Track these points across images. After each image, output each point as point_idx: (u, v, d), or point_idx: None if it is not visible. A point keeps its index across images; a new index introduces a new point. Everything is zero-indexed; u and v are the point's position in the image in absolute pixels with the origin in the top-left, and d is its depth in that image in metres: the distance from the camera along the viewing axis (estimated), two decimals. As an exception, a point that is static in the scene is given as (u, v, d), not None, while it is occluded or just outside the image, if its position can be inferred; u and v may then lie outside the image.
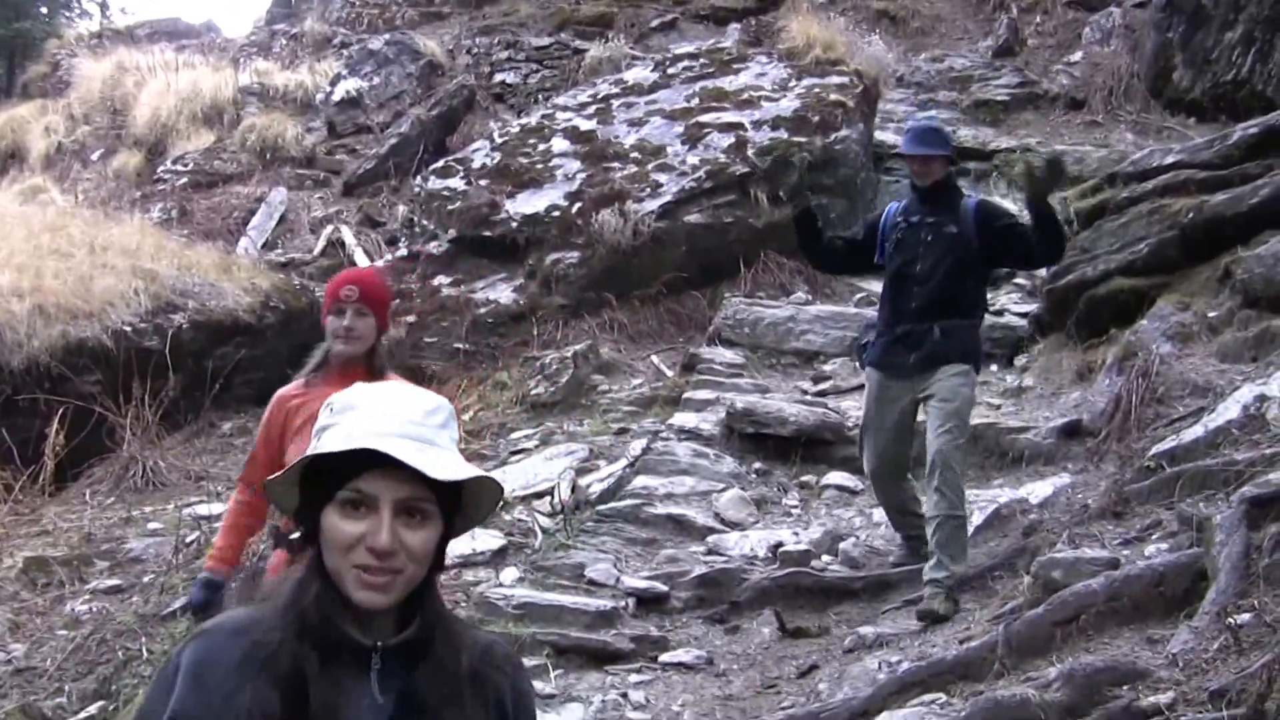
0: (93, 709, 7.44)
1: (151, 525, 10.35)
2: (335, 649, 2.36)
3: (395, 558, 2.33)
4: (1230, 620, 5.18)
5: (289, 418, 5.71)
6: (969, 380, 7.84)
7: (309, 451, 2.41)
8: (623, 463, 9.99)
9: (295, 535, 2.51)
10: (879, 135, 15.13)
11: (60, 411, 10.94)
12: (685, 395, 11.02)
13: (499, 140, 14.44)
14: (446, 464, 2.37)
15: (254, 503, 5.88)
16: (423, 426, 2.41)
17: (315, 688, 2.32)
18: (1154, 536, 6.58)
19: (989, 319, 11.64)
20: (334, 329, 5.65)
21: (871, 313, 11.94)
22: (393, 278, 13.38)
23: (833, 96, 14.03)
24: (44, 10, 26.74)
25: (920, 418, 8.15)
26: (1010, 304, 12.29)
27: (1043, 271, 11.71)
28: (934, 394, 7.76)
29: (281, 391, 5.87)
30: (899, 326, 7.94)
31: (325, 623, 2.36)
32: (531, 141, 14.15)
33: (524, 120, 15.00)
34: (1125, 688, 5.16)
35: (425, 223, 13.78)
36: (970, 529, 8.15)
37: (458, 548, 5.19)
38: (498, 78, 18.65)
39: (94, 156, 19.69)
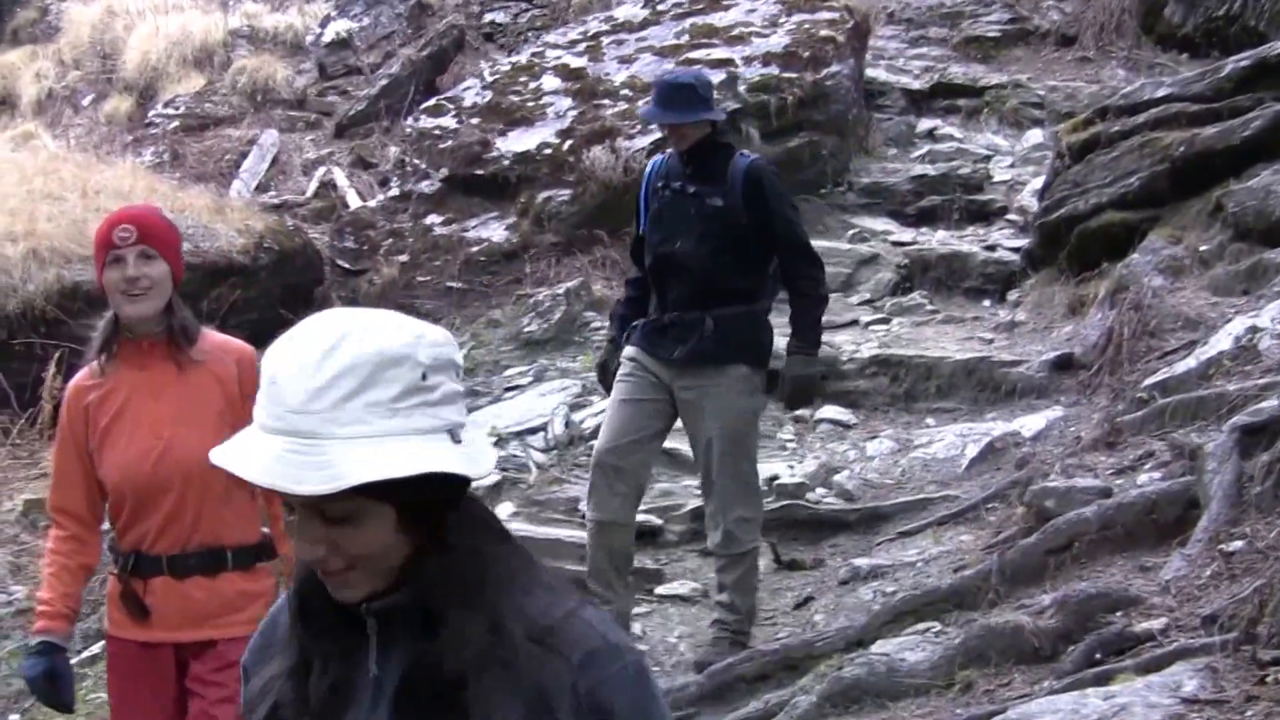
0: (95, 648, 7.51)
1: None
2: (333, 621, 2.06)
3: (329, 563, 1.97)
4: (1222, 547, 5.26)
5: (90, 417, 4.58)
6: (750, 386, 6.73)
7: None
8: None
9: None
10: (870, 72, 15.10)
11: (57, 355, 10.83)
12: (675, 331, 11.01)
13: (489, 79, 14.43)
14: (326, 466, 1.86)
15: (82, 536, 4.72)
16: (305, 415, 1.87)
17: (317, 665, 2.06)
18: (1146, 466, 6.63)
19: (980, 254, 11.82)
20: (114, 284, 4.44)
21: (866, 248, 12.09)
22: (385, 218, 13.42)
23: (823, 32, 13.97)
24: (32, -46, 26.62)
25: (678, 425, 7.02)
26: (1002, 239, 12.20)
27: (1034, 205, 11.74)
28: (706, 410, 6.67)
29: (74, 382, 4.67)
30: (666, 314, 6.69)
31: (318, 593, 2.04)
32: (522, 80, 14.14)
33: (514, 59, 14.99)
34: (1118, 614, 5.25)
35: (416, 162, 13.78)
36: (965, 462, 8.27)
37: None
38: (487, 17, 18.58)
39: (85, 101, 19.62)
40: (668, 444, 9.04)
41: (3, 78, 20.82)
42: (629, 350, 6.85)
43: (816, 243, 11.89)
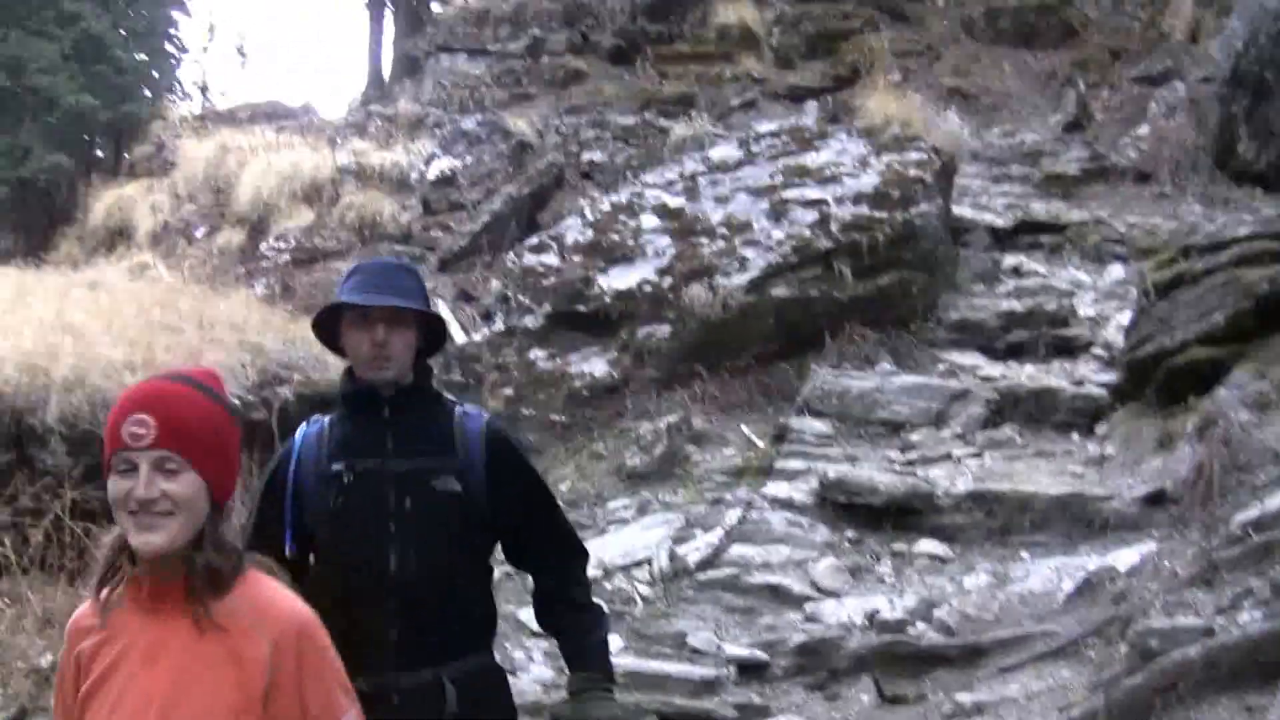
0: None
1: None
2: None
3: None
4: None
5: (80, 669, 3.31)
6: None
7: None
8: (719, 532, 10.23)
9: None
10: (955, 209, 15.43)
11: None
12: (777, 465, 11.23)
13: (590, 217, 14.82)
14: None
15: None
16: None
17: None
18: (1247, 604, 6.67)
19: (1068, 388, 11.99)
20: (119, 500, 3.18)
21: (957, 384, 12.30)
22: (490, 352, 13.75)
23: (911, 172, 14.32)
24: (148, 93, 27.30)
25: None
26: (1089, 373, 12.39)
27: (1119, 340, 11.95)
28: None
29: (75, 618, 3.36)
30: (366, 680, 3.76)
31: None
32: (622, 218, 14.52)
33: (614, 198, 15.34)
34: (1226, 756, 5.37)
35: (520, 297, 14.12)
36: (1061, 597, 8.41)
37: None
38: (586, 156, 18.98)
39: (198, 234, 20.13)
40: (771, 578, 9.40)
41: (120, 209, 21.44)
42: None
43: (908, 377, 12.34)
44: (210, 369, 3.56)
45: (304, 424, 4.43)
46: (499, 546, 4.50)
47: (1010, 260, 15.04)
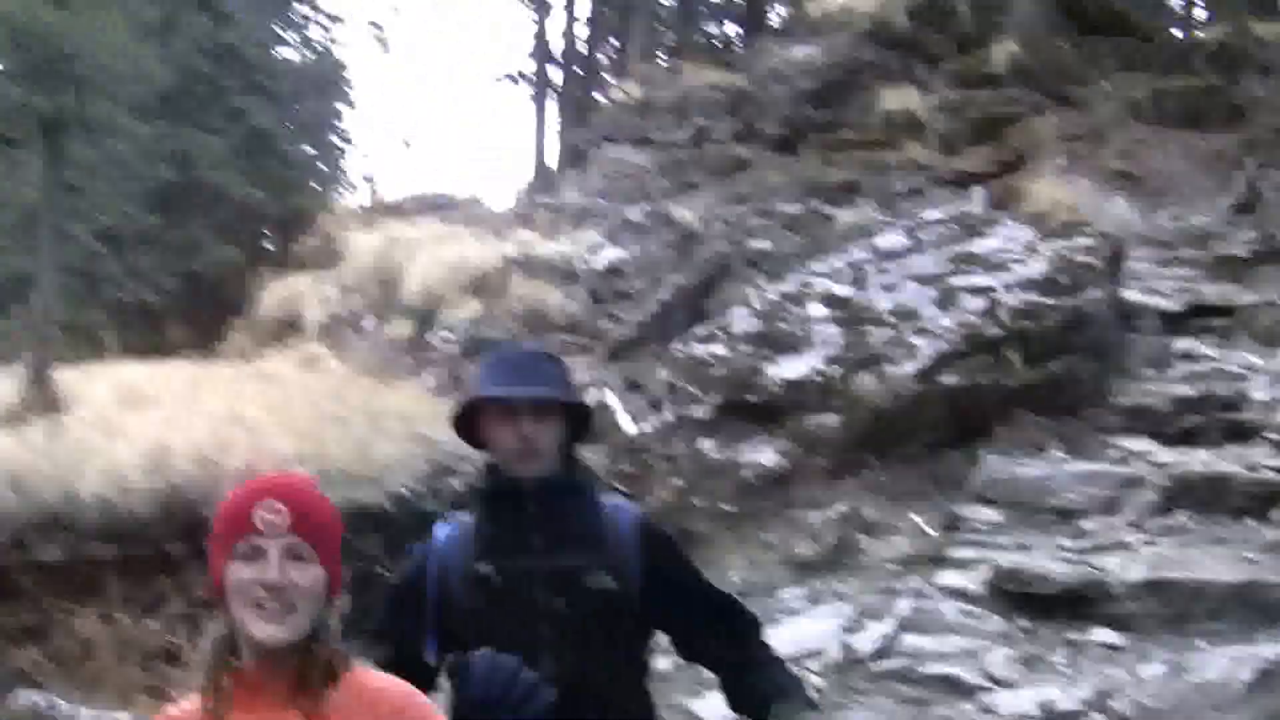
0: None
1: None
2: None
3: None
4: None
5: None
6: None
7: None
8: (891, 621, 10.20)
9: None
10: (1124, 293, 15.34)
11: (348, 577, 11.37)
12: (948, 554, 11.23)
13: (757, 306, 14.97)
14: None
15: None
16: None
17: None
18: None
19: (1242, 473, 11.83)
20: (244, 587, 3.09)
21: (1129, 470, 12.22)
22: (659, 443, 13.92)
23: (1079, 258, 14.31)
24: (316, 186, 28.05)
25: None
26: (1262, 458, 12.18)
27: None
28: None
29: (166, 713, 3.20)
30: None
31: None
32: (789, 307, 14.66)
33: (781, 286, 15.47)
34: None
35: (689, 387, 14.28)
36: (1240, 687, 8.35)
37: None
38: (752, 244, 19.10)
39: (367, 324, 20.60)
40: (944, 668, 9.40)
41: (289, 301, 22.00)
42: None
43: (1079, 464, 12.28)
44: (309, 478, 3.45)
45: (438, 523, 4.20)
46: (652, 638, 4.27)
47: (1181, 344, 14.88)
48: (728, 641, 4.19)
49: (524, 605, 3.92)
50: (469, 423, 4.18)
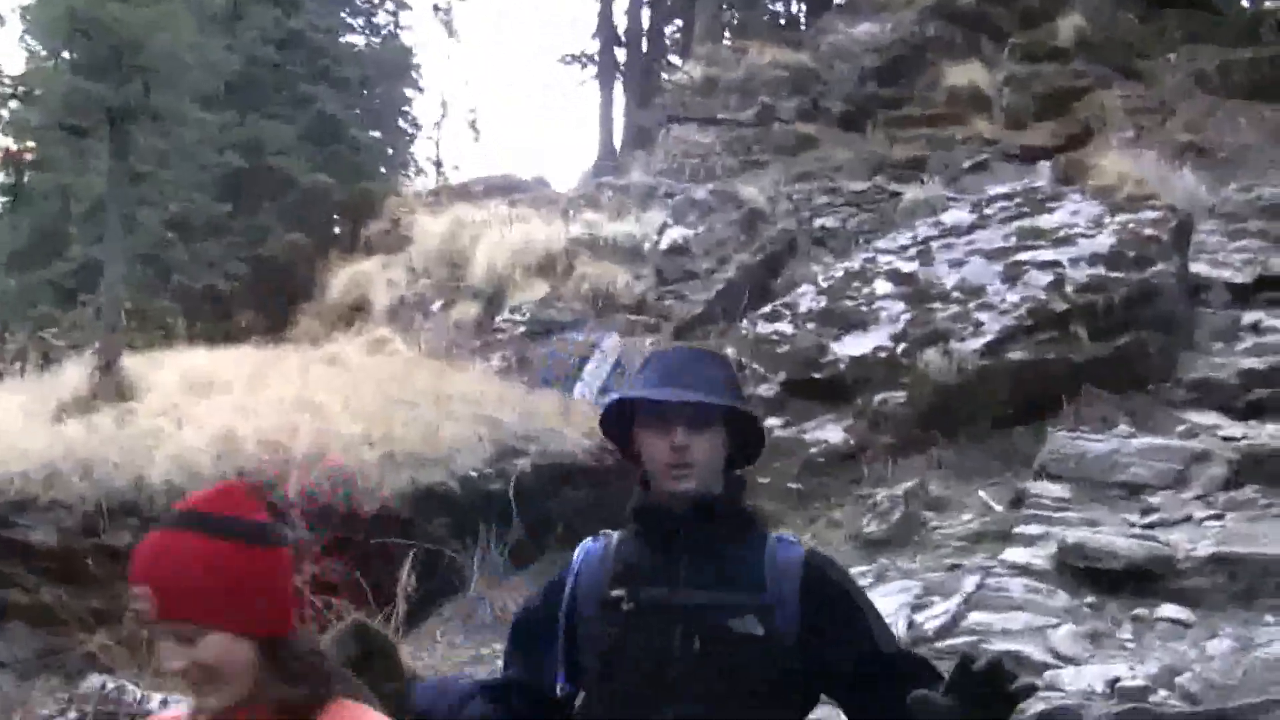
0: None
1: (499, 663, 10.91)
2: None
3: None
4: None
5: None
6: None
7: None
8: (957, 599, 10.17)
9: None
10: (1192, 267, 15.24)
11: (410, 554, 11.38)
12: (1014, 530, 11.16)
13: (823, 284, 15.00)
14: None
15: None
16: None
17: None
18: None
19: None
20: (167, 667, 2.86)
21: (1197, 444, 12.11)
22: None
23: (1147, 231, 14.25)
24: (384, 170, 28.19)
25: None
26: None
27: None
28: None
29: None
30: None
31: None
32: (855, 284, 14.67)
33: (846, 264, 15.48)
34: None
35: (755, 366, 14.32)
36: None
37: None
38: (818, 222, 19.17)
39: (434, 308, 20.63)
40: (1010, 645, 9.37)
41: (357, 285, 22.08)
42: None
43: (1146, 439, 12.19)
44: (233, 484, 3.07)
45: (587, 540, 3.74)
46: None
47: (1249, 317, 14.72)
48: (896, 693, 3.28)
49: (654, 641, 3.45)
50: (625, 431, 3.72)
